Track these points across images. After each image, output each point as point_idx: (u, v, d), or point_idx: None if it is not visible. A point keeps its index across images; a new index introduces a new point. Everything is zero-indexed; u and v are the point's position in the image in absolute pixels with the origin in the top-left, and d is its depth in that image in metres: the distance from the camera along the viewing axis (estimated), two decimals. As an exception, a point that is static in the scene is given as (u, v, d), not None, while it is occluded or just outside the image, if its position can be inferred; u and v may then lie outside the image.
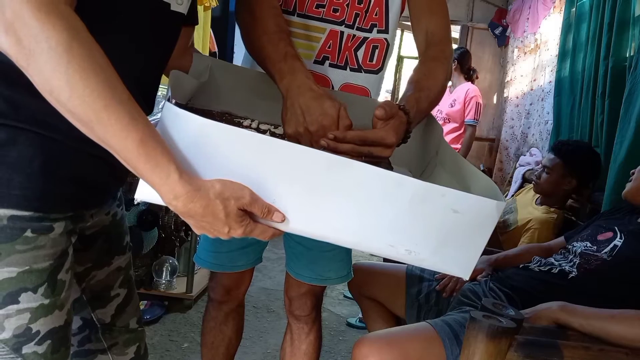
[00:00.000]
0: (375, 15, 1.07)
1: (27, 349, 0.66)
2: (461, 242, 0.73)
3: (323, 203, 0.67)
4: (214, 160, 0.62)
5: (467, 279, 0.76)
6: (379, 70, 1.11)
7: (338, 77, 1.09)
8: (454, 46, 4.28)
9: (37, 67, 0.53)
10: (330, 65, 1.07)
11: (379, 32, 1.08)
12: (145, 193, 0.64)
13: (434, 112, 3.57)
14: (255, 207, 0.63)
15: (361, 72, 1.10)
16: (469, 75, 3.50)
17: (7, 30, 0.52)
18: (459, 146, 3.49)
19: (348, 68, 1.09)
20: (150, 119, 0.62)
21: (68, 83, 0.53)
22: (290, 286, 1.28)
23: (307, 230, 0.69)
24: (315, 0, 1.04)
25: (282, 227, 0.67)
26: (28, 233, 0.63)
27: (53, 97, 0.54)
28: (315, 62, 1.07)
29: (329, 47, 1.07)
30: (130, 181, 2.43)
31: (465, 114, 3.43)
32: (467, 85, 3.51)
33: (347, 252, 1.25)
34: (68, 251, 0.70)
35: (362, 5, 1.05)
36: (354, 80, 1.10)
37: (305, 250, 1.20)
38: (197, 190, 0.59)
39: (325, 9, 1.05)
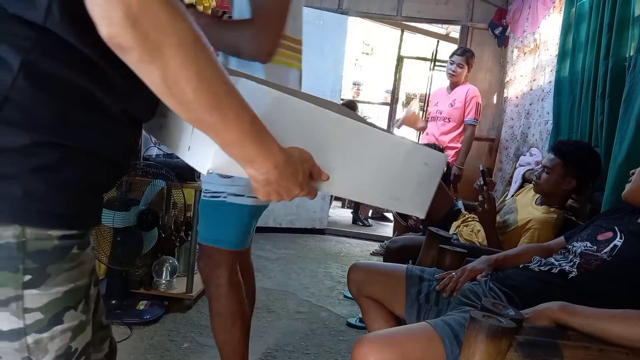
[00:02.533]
0: None
1: None
2: (425, 188, 0.95)
3: (349, 166, 0.82)
4: (281, 129, 0.68)
5: (424, 217, 0.99)
6: None
7: None
8: (454, 46, 4.29)
9: (164, 61, 0.52)
10: None
11: None
12: (220, 166, 0.69)
13: (433, 113, 3.61)
14: (315, 169, 0.73)
15: None
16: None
17: (134, 24, 0.50)
18: (458, 145, 3.51)
19: None
20: None
21: (198, 74, 0.54)
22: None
23: (337, 190, 0.84)
24: None
25: (323, 187, 0.79)
26: (74, 250, 0.63)
27: (177, 89, 0.54)
28: None
29: None
30: (130, 181, 2.42)
31: (466, 114, 3.45)
32: (467, 85, 3.52)
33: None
34: (94, 264, 0.71)
35: None
36: None
37: None
38: (289, 158, 0.67)
39: None
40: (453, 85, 3.56)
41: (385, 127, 6.13)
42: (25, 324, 0.60)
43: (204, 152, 0.69)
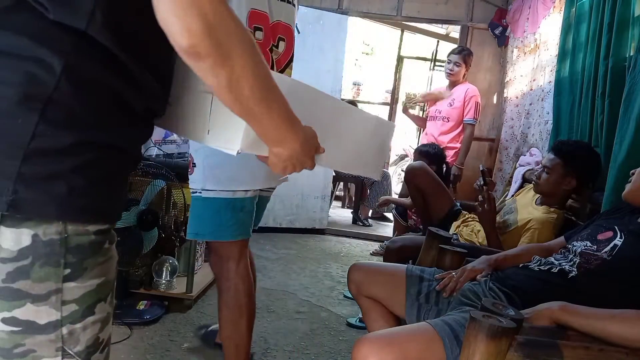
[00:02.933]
0: None
1: (95, 357, 0.68)
2: (382, 152, 1.15)
3: (335, 139, 0.94)
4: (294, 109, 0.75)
5: (379, 179, 1.25)
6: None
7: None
8: (454, 46, 4.28)
9: (231, 65, 0.59)
10: None
11: None
12: (248, 146, 0.76)
13: (432, 112, 3.65)
14: (318, 143, 0.84)
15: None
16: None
17: (210, 34, 0.56)
18: (458, 145, 3.50)
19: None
20: None
21: (254, 73, 0.62)
22: None
23: (326, 162, 0.92)
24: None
25: (318, 159, 0.88)
26: (106, 245, 0.67)
27: (237, 87, 0.62)
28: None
29: None
30: (130, 181, 2.43)
31: (465, 113, 3.44)
32: (467, 85, 3.52)
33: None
34: None
35: None
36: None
37: None
38: (306, 135, 0.78)
39: None
40: (452, 85, 3.56)
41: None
42: (62, 315, 0.63)
43: (229, 134, 0.75)
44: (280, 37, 1.41)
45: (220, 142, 0.76)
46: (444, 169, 3.21)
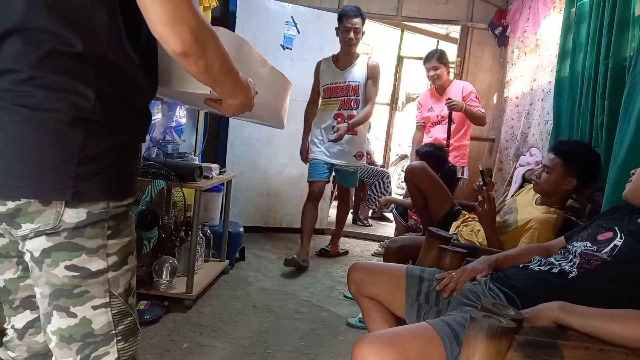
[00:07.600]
0: None
1: (130, 300, 0.93)
2: (280, 100, 1.41)
3: (263, 91, 1.14)
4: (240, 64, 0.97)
5: (282, 128, 1.54)
6: None
7: None
8: (454, 46, 4.27)
9: (206, 56, 0.82)
10: None
11: None
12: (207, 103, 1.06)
13: (433, 119, 3.77)
14: (254, 91, 1.06)
15: None
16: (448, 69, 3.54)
17: (196, 40, 0.78)
18: (466, 143, 3.50)
19: None
20: None
21: (221, 57, 0.86)
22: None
23: (255, 110, 1.13)
24: None
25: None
26: (130, 212, 0.91)
27: (211, 69, 0.85)
28: None
29: None
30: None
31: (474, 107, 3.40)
32: (460, 83, 3.50)
33: None
34: None
35: None
36: None
37: None
38: (250, 86, 1.01)
39: None
40: (441, 88, 3.51)
41: (385, 127, 6.05)
42: (107, 264, 0.86)
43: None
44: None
45: (191, 87, 0.99)
46: (448, 170, 3.19)
